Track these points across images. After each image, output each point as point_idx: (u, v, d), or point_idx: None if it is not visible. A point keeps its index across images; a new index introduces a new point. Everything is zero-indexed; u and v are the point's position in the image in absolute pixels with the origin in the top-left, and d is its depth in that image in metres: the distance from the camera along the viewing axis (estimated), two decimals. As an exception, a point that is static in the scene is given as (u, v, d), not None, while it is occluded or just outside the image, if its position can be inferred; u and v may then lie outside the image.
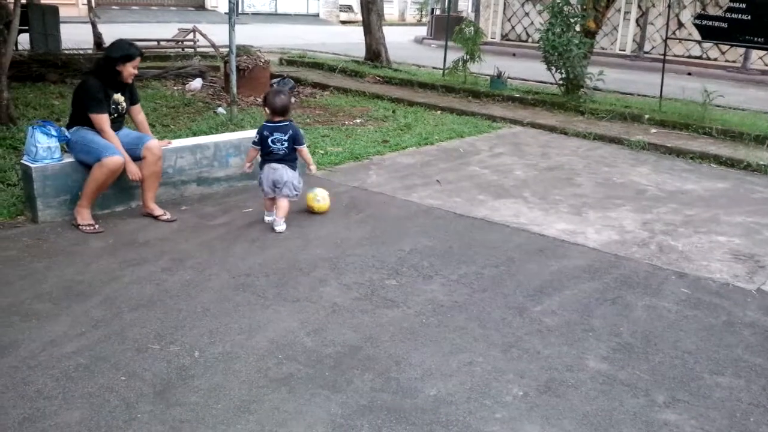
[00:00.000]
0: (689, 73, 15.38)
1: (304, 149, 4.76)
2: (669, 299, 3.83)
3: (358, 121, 8.34)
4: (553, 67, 9.75)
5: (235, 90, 7.54)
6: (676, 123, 8.54)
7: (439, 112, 9.29)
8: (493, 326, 3.42)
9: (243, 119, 7.57)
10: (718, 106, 8.96)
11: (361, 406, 2.70)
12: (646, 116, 8.84)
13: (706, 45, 16.54)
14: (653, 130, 8.44)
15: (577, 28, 9.71)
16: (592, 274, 4.14)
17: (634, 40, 18.59)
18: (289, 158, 4.68)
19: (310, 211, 4.94)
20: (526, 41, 19.78)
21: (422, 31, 25.03)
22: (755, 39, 8.87)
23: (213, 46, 12.69)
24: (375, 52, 13.44)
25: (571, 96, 9.79)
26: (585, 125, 8.60)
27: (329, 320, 3.38)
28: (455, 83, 10.87)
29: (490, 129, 8.42)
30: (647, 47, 18.35)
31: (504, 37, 21.17)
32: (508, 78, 10.97)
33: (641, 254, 4.50)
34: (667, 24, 11.32)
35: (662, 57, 10.47)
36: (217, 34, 13.95)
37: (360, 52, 14.12)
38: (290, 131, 4.65)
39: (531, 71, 12.47)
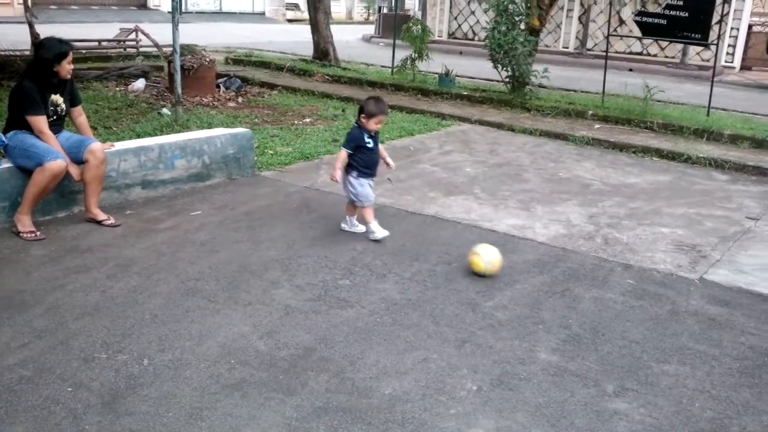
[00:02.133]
0: (631, 69, 15.82)
1: (340, 151, 4.51)
2: (615, 290, 3.93)
3: (307, 120, 8.28)
4: (499, 65, 9.88)
5: (179, 90, 7.39)
6: (619, 118, 8.78)
7: (389, 110, 9.28)
8: (446, 322, 3.44)
9: (188, 120, 7.42)
10: (659, 101, 9.25)
11: (316, 408, 2.68)
12: (590, 112, 9.06)
13: (647, 41, 17.05)
14: (597, 126, 8.65)
15: (522, 27, 9.87)
16: (541, 268, 4.21)
17: (577, 38, 19.01)
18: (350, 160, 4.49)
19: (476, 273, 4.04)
20: (473, 39, 19.99)
21: (370, 29, 25.05)
22: (692, 35, 9.20)
23: (156, 45, 12.41)
24: (323, 51, 13.37)
25: (517, 93, 9.95)
26: (531, 122, 8.76)
27: (282, 322, 3.34)
28: (404, 81, 10.91)
29: (439, 127, 8.48)
30: (590, 44, 18.80)
31: (451, 35, 21.35)
32: (456, 76, 11.07)
33: (588, 247, 4.60)
34: (609, 21, 11.62)
35: (604, 54, 10.74)
36: (160, 33, 13.64)
37: (308, 51, 14.03)
38: (349, 130, 4.62)
39: (478, 69, 12.61)
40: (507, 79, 10.15)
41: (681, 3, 8.89)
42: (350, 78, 11.32)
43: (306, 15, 15.91)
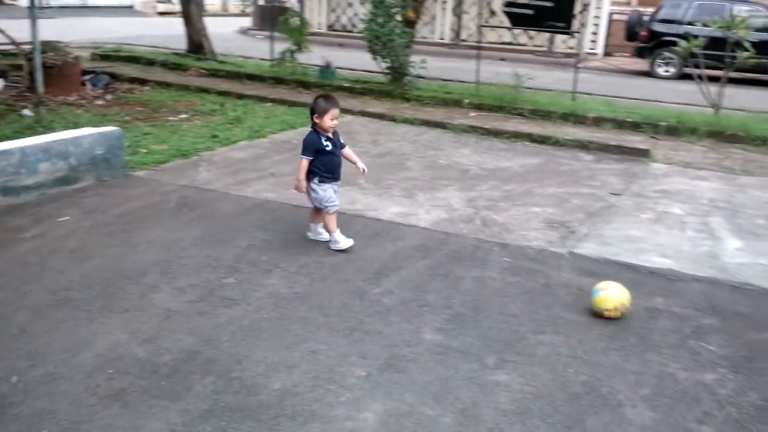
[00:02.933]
0: (503, 59, 16.48)
1: (300, 160, 4.24)
2: (494, 269, 4.11)
3: (183, 116, 8.00)
4: (378, 57, 9.99)
5: (41, 89, 6.90)
6: (493, 106, 9.15)
7: (269, 104, 9.17)
8: (335, 313, 3.46)
9: (53, 121, 6.95)
10: (529, 88, 9.70)
11: (202, 411, 2.61)
12: (466, 101, 9.37)
13: (517, 32, 17.83)
14: (472, 114, 8.97)
15: (399, 18, 10.03)
16: (425, 253, 4.32)
17: (452, 29, 19.57)
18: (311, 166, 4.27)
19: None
20: (352, 32, 20.08)
21: (247, 22, 24.51)
22: (558, 24, 9.73)
23: (13, 43, 11.45)
24: (197, 44, 12.94)
25: (397, 84, 10.11)
26: (411, 112, 8.94)
27: (163, 327, 3.22)
28: (284, 74, 10.79)
29: (321, 119, 8.45)
30: (464, 35, 19.41)
31: (330, 27, 21.33)
32: (337, 68, 11.08)
33: (467, 230, 4.77)
34: (480, 13, 12.03)
35: (477, 44, 11.14)
36: (18, 30, 12.64)
37: (181, 45, 13.52)
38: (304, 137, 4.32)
39: (358, 61, 12.67)
40: (386, 71, 10.29)
41: (547, -6, 9.37)
42: (228, 71, 11.04)
43: (178, 7, 15.30)
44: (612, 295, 3.50)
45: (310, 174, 4.25)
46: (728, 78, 8.57)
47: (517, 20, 9.97)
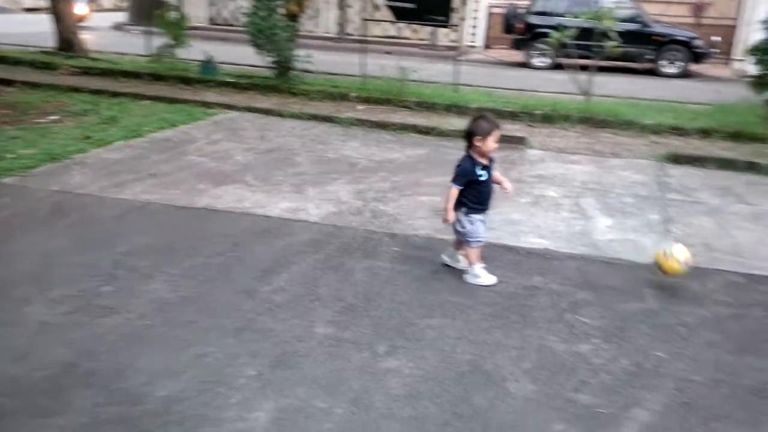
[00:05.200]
0: (388, 52, 16.67)
1: (450, 188, 3.89)
2: (383, 258, 4.17)
3: (53, 117, 7.51)
4: (262, 51, 9.83)
5: None
6: (379, 99, 9.25)
7: (147, 101, 8.80)
8: (223, 314, 3.39)
9: None
10: (414, 81, 9.88)
11: (83, 425, 2.49)
12: (353, 94, 9.42)
13: (401, 25, 18.11)
14: (360, 107, 9.03)
15: (282, 12, 9.90)
16: (316, 247, 4.32)
17: (336, 23, 19.58)
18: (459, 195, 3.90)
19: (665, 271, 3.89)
20: (234, 25, 19.61)
21: (122, 16, 23.33)
22: (438, 18, 9.97)
23: None
24: (67, 42, 12.17)
25: (283, 79, 9.99)
26: (299, 106, 8.87)
27: (36, 342, 3.03)
28: (163, 71, 10.37)
29: (204, 116, 8.23)
30: (349, 29, 19.48)
31: (211, 21, 20.74)
32: (220, 63, 10.80)
33: (357, 222, 4.82)
34: (364, 6, 12.11)
35: (362, 38, 11.21)
36: None
37: (50, 42, 12.67)
38: (459, 164, 3.93)
39: (242, 55, 12.39)
40: (272, 65, 10.15)
41: (427, -12, 9.58)
42: (102, 69, 10.47)
43: (46, 3, 14.31)
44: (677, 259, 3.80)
45: (458, 204, 3.88)
46: (597, 66, 9.13)
47: (400, 14, 10.15)
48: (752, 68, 8.35)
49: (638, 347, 3.24)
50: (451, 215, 3.87)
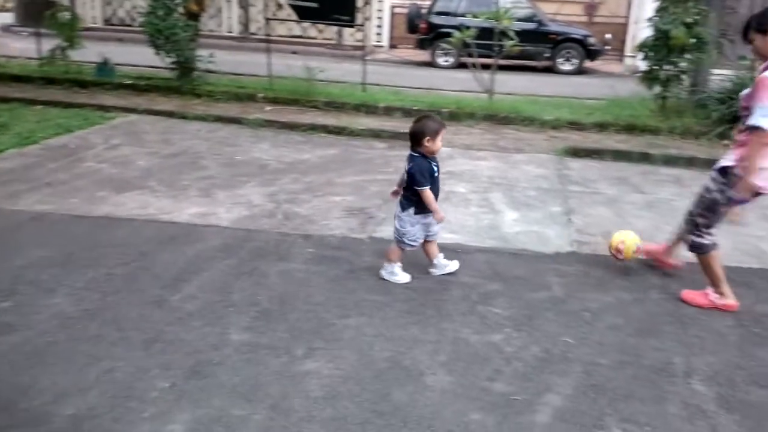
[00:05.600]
0: (294, 52, 16.53)
1: (421, 193, 3.78)
2: (298, 260, 4.14)
3: (-68, 126, 6.97)
4: (162, 52, 9.50)
5: None
6: (287, 99, 9.16)
7: (40, 106, 8.31)
8: (131, 326, 3.26)
9: None
10: (322, 80, 9.85)
11: (-20, 453, 2.33)
12: (260, 95, 9.28)
13: (306, 24, 17.99)
14: (268, 108, 8.91)
15: (181, 11, 9.60)
16: (227, 252, 4.22)
17: (240, 22, 19.21)
18: (403, 196, 3.88)
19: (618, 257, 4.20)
20: (131, 26, 18.85)
21: (8, 17, 21.91)
22: (342, 18, 9.96)
23: None
24: (-54, 44, 11.31)
25: (185, 80, 9.69)
26: (203, 108, 8.65)
27: (-77, 367, 2.80)
28: (56, 74, 9.82)
29: (103, 120, 7.87)
30: (253, 28, 19.15)
31: (107, 21, 19.83)
32: (118, 65, 10.35)
33: (270, 224, 4.75)
34: (267, 5, 11.92)
35: (267, 38, 11.05)
36: None
37: (-74, 44, 11.75)
38: (410, 164, 3.82)
39: (141, 57, 11.91)
40: (172, 66, 9.82)
41: (331, -13, 9.55)
42: (-12, 74, 9.81)
43: None
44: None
45: (406, 202, 3.85)
46: (498, 65, 9.43)
47: (303, 13, 10.06)
48: (642, 64, 8.87)
49: (547, 334, 3.38)
50: (441, 212, 3.89)
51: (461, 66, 14.06)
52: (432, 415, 2.69)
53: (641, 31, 10.45)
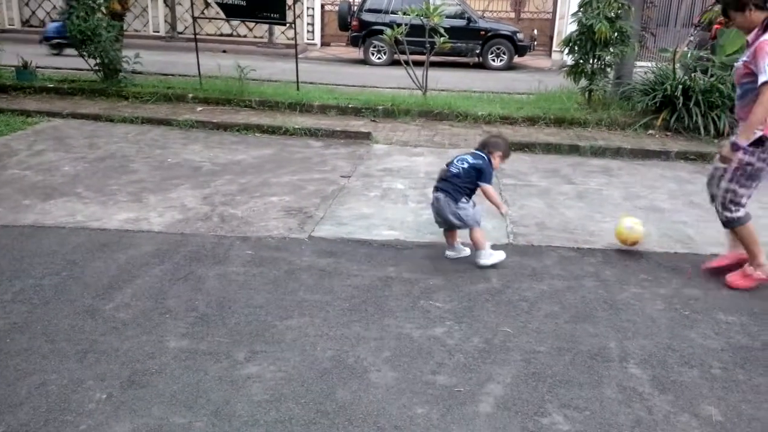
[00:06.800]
0: (224, 51, 16.25)
1: (487, 188, 4.21)
2: (236, 263, 4.07)
3: None
4: (85, 53, 9.16)
5: None
6: (219, 99, 8.99)
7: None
8: (63, 337, 3.13)
9: None
10: (254, 79, 9.71)
11: None
12: (191, 95, 9.07)
13: (235, 23, 17.70)
14: (199, 108, 8.72)
15: (104, 11, 9.28)
16: (162, 258, 4.11)
17: (166, 21, 18.72)
18: (456, 186, 4.18)
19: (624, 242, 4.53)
20: (53, 26, 18.08)
21: None
22: (272, 15, 9.82)
23: None
24: None
25: (110, 82, 9.39)
26: (131, 110, 8.39)
27: None
28: (-29, 78, 9.34)
29: (25, 125, 7.53)
30: (180, 28, 18.71)
31: (26, 23, 18.99)
32: (38, 68, 9.92)
33: (206, 228, 4.65)
34: (193, 4, 11.64)
35: (195, 37, 10.80)
36: None
37: None
38: (479, 160, 4.24)
39: (63, 59, 11.53)
40: (97, 68, 9.49)
41: (258, -16, 9.39)
42: None
43: None
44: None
45: (462, 192, 4.19)
46: (431, 62, 9.51)
47: (231, 11, 9.85)
48: (568, 59, 9.13)
49: (487, 325, 3.44)
50: (504, 206, 4.46)
51: (395, 63, 14.15)
52: (377, 411, 2.69)
53: (567, 26, 10.76)
